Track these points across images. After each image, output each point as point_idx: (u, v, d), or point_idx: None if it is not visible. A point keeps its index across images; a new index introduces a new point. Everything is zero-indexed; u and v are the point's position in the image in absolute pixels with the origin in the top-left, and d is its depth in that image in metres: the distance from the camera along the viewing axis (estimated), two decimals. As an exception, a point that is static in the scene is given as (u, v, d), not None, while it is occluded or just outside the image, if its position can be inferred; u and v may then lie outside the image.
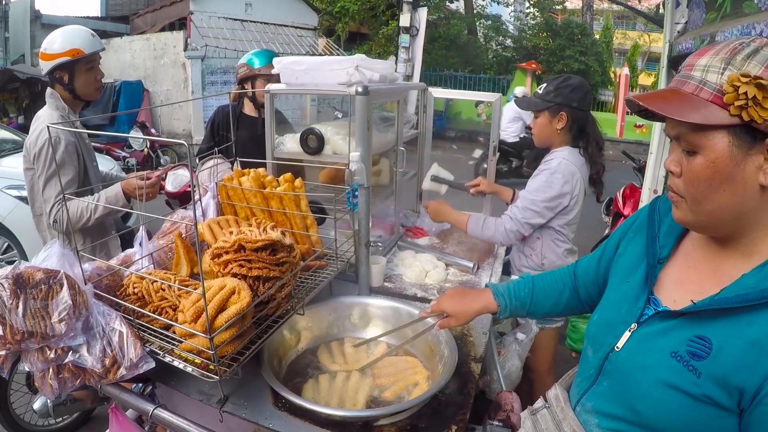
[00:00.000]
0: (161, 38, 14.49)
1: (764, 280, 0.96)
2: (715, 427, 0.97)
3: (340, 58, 2.13)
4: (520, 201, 2.51)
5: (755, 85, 0.89)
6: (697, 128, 0.96)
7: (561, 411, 1.29)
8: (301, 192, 1.96)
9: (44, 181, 2.46)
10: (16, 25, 15.34)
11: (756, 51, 0.93)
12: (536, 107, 2.52)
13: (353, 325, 2.00)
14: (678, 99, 0.99)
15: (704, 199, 1.00)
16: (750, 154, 0.94)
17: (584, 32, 20.28)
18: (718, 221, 1.01)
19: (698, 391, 0.97)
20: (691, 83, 0.98)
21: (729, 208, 0.98)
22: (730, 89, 0.91)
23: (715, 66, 0.95)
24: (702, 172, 0.98)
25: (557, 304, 1.60)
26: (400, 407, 1.45)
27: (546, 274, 1.67)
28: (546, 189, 2.44)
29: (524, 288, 1.63)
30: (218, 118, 3.44)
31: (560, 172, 2.43)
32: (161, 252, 1.93)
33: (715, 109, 0.94)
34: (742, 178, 0.95)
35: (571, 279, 1.57)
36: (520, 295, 1.62)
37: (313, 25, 17.60)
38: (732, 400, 0.94)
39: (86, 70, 2.63)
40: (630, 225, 1.35)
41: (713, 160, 0.96)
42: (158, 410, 1.46)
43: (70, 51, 2.53)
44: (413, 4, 9.26)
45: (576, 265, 1.58)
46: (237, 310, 1.36)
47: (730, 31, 2.61)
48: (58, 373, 1.48)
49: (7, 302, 1.37)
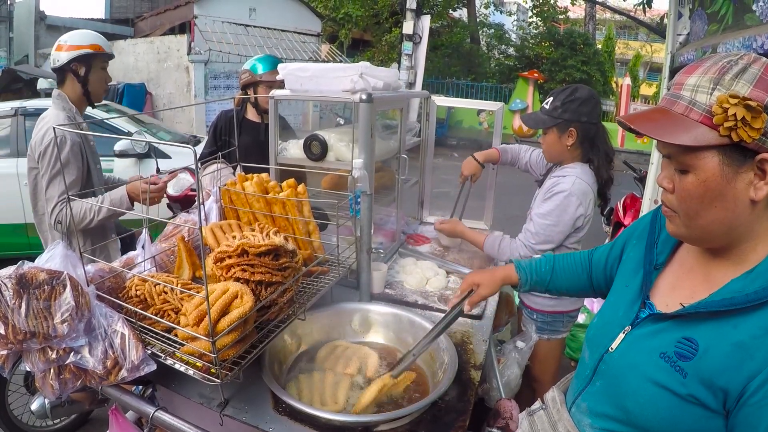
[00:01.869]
0: (165, 42, 14.52)
1: (750, 284, 0.99)
2: (702, 428, 0.99)
3: (345, 66, 2.14)
4: (533, 225, 2.40)
5: (744, 106, 0.90)
6: (688, 149, 0.98)
7: (557, 412, 1.33)
8: (304, 198, 1.97)
9: (48, 180, 2.47)
10: (20, 26, 15.37)
11: (744, 69, 0.94)
12: (544, 125, 2.39)
13: (354, 331, 2.01)
14: (668, 120, 1.01)
15: (696, 216, 1.02)
16: (740, 171, 0.96)
17: (586, 42, 20.33)
18: (710, 235, 1.04)
19: (684, 390, 0.99)
20: (681, 103, 1.00)
21: (721, 223, 1.01)
22: (719, 110, 0.93)
23: (704, 86, 0.97)
24: (694, 190, 1.00)
25: (575, 285, 1.68)
26: (400, 413, 1.46)
27: (566, 255, 1.73)
28: (561, 213, 2.34)
29: (545, 265, 1.71)
30: (221, 122, 3.44)
31: (574, 194, 2.33)
32: (163, 255, 1.94)
33: (704, 129, 0.96)
34: (733, 195, 0.98)
35: (588, 264, 1.63)
36: (540, 270, 1.70)
37: (317, 31, 17.65)
38: (717, 401, 0.96)
39: (101, 68, 2.70)
40: (633, 231, 1.40)
41: (704, 179, 0.98)
42: (159, 413, 1.46)
43: (93, 45, 2.63)
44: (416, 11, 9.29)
45: (592, 252, 1.64)
46: (239, 314, 1.36)
47: (732, 43, 2.63)
48: (59, 374, 1.49)
49: (10, 302, 1.38)
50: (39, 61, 15.16)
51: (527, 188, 3.01)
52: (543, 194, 2.46)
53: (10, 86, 11.64)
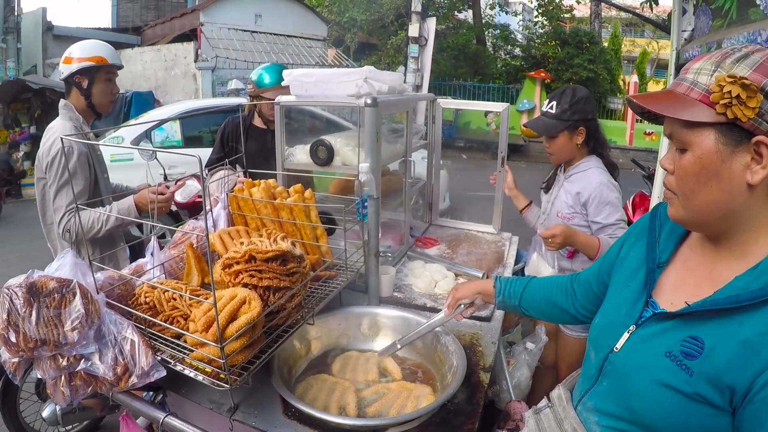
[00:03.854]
0: (172, 49, 14.63)
1: (755, 281, 0.99)
2: (709, 426, 0.99)
3: (350, 70, 2.15)
4: (608, 227, 2.45)
5: (740, 85, 0.93)
6: (686, 125, 1.02)
7: (563, 410, 1.33)
8: (311, 203, 1.98)
9: (56, 190, 2.48)
10: (28, 37, 15.53)
11: (746, 56, 0.97)
12: (556, 129, 2.49)
13: (363, 335, 2.01)
14: (670, 99, 1.05)
15: (693, 195, 1.04)
16: (736, 152, 0.98)
17: (593, 40, 20.25)
18: (707, 217, 1.06)
19: (690, 389, 0.99)
20: (684, 84, 1.04)
21: (716, 204, 1.02)
22: (716, 89, 0.96)
23: (706, 69, 1.01)
24: (690, 167, 1.03)
25: (546, 308, 1.68)
26: (409, 416, 1.46)
27: (546, 278, 1.74)
28: (615, 206, 2.45)
29: (520, 284, 1.73)
30: (228, 129, 3.45)
31: (605, 184, 2.46)
32: (172, 262, 1.95)
33: (702, 107, 0.99)
34: (728, 176, 0.99)
35: (570, 286, 1.62)
36: (515, 284, 1.73)
37: (323, 35, 17.72)
38: (724, 399, 0.96)
39: (105, 80, 2.69)
40: (632, 231, 1.40)
41: (700, 155, 1.01)
42: (169, 418, 1.47)
43: (95, 57, 2.61)
44: (422, 14, 9.30)
45: (576, 275, 1.64)
46: (248, 319, 1.37)
47: (737, 38, 2.62)
48: (70, 381, 1.50)
49: (21, 310, 1.39)
50: (47, 71, 15.31)
51: (534, 192, 3.02)
52: (593, 206, 2.49)
53: (19, 96, 11.77)
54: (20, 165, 11.03)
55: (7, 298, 1.40)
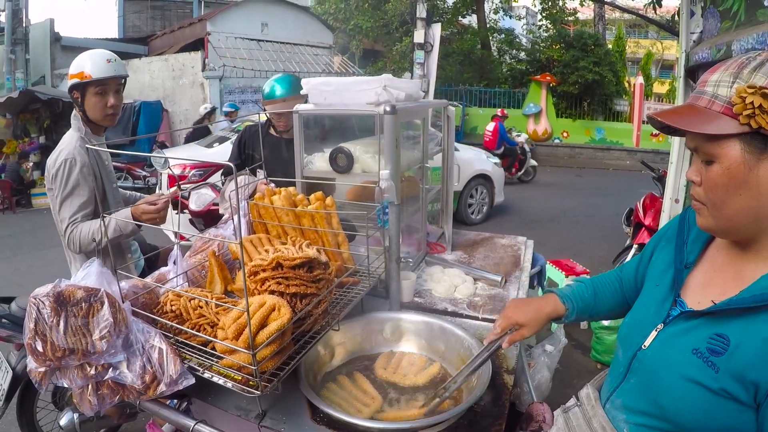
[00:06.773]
0: (179, 59, 14.71)
1: None
2: (734, 422, 1.02)
3: (368, 78, 2.16)
4: None
5: (761, 95, 0.96)
6: (712, 138, 1.04)
7: (591, 408, 1.36)
8: (332, 210, 1.99)
9: (60, 201, 2.47)
10: (36, 47, 15.65)
11: (761, 64, 1.00)
12: None
13: (386, 340, 2.02)
14: (693, 113, 1.07)
15: (723, 205, 1.06)
16: (762, 159, 1.00)
17: (597, 42, 20.21)
18: (738, 225, 1.07)
19: (716, 385, 1.02)
20: (704, 98, 1.06)
21: (746, 211, 1.04)
22: (738, 100, 0.99)
23: (725, 81, 1.03)
24: (718, 179, 1.05)
25: (616, 305, 1.62)
26: (438, 419, 1.46)
27: (600, 277, 1.68)
28: None
29: (587, 291, 1.63)
30: (245, 136, 3.46)
31: None
32: (194, 270, 1.96)
33: (726, 119, 1.01)
34: (756, 182, 1.01)
35: (620, 281, 1.61)
36: (585, 297, 1.62)
37: (329, 43, 17.80)
38: (748, 395, 0.99)
39: (95, 94, 2.58)
40: (663, 234, 1.43)
41: (728, 166, 1.03)
42: (199, 425, 1.48)
43: (79, 74, 2.54)
44: (427, 20, 9.34)
45: (621, 269, 1.64)
46: (278, 326, 1.38)
47: (746, 40, 2.62)
48: (97, 390, 1.51)
49: (48, 320, 1.40)
50: (55, 82, 15.42)
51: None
52: None
53: (28, 107, 11.88)
54: (30, 175, 11.14)
55: (35, 308, 1.41)
